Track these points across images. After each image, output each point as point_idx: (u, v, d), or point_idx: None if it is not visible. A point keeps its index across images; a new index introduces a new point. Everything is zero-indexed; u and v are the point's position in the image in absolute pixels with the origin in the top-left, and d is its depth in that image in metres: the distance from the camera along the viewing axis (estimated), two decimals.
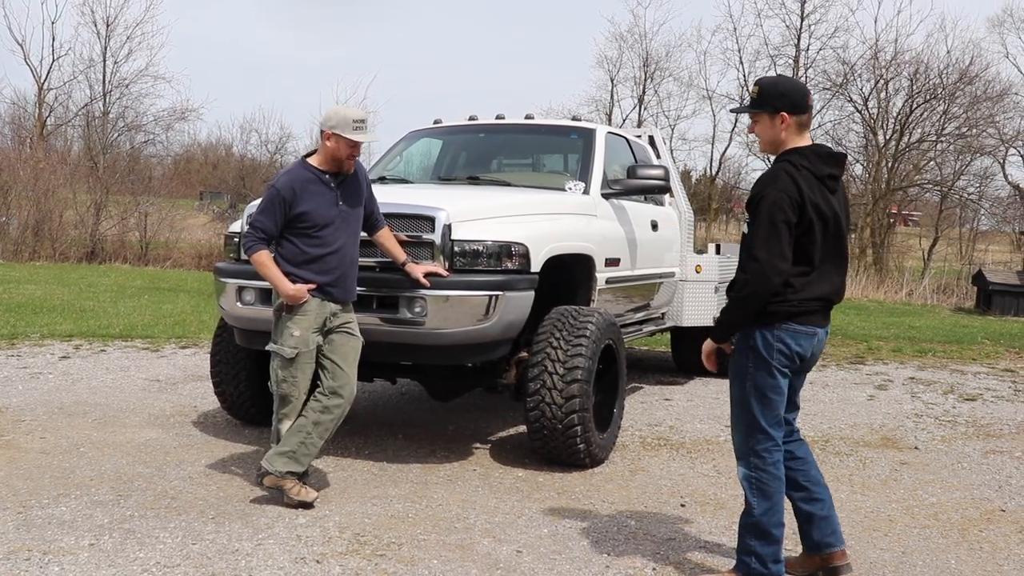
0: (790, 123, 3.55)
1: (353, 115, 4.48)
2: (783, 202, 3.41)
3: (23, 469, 5.02)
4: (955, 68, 29.13)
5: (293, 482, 4.50)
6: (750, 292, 3.46)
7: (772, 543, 3.59)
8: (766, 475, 3.59)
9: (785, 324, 3.52)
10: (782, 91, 3.58)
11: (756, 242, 3.43)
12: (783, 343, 3.52)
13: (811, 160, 3.51)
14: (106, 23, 33.24)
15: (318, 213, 4.46)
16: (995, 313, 17.97)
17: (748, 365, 3.59)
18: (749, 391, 3.59)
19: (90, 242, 25.22)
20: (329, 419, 4.57)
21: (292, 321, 4.49)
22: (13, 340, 9.78)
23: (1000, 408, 7.95)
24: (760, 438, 3.59)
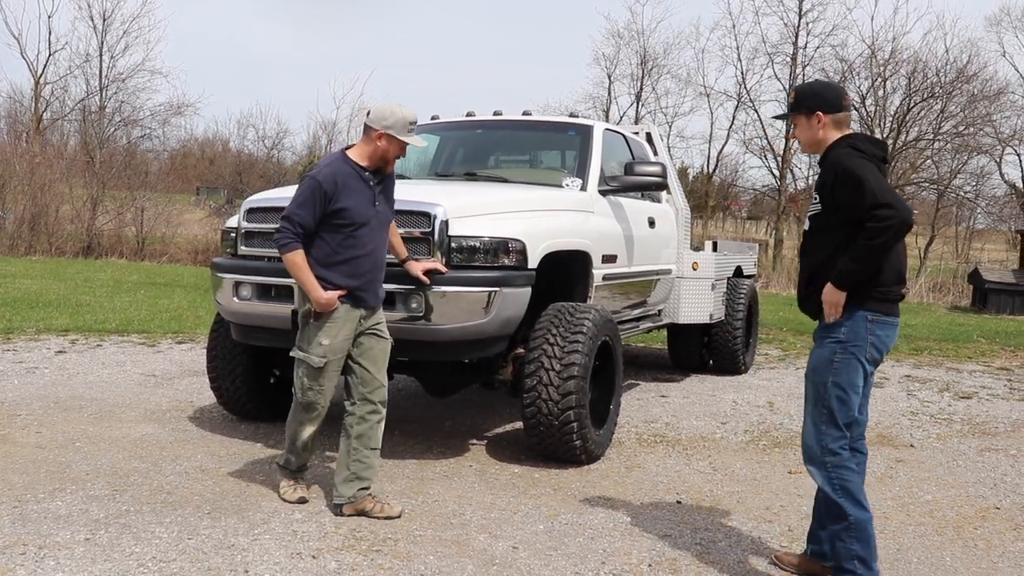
0: (826, 122, 3.59)
1: (410, 117, 4.30)
2: (867, 162, 3.42)
3: (19, 463, 5.01)
4: (952, 67, 29.28)
5: (372, 502, 4.38)
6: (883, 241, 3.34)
7: (871, 543, 3.51)
8: (846, 471, 3.52)
9: (875, 314, 3.48)
10: (817, 91, 3.66)
11: (877, 193, 3.33)
12: (876, 336, 3.49)
13: (865, 143, 3.55)
14: (103, 17, 33.28)
15: (357, 211, 4.24)
16: (991, 311, 18.01)
17: (833, 359, 3.52)
18: (831, 387, 3.53)
19: (86, 237, 25.19)
20: (368, 427, 4.44)
21: (321, 329, 4.29)
22: (9, 334, 9.76)
23: (995, 406, 7.97)
24: (835, 435, 3.54)
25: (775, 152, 32.26)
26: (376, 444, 4.48)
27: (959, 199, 32.25)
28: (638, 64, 35.24)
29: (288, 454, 4.57)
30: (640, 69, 35.14)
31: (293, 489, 4.44)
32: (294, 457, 4.55)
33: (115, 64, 33.52)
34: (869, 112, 30.11)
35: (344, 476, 4.41)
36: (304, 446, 4.51)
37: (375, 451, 4.48)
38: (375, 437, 4.47)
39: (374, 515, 4.34)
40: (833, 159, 3.52)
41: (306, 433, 4.48)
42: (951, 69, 29.27)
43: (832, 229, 3.51)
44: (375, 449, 4.48)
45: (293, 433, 4.52)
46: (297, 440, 4.50)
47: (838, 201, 3.46)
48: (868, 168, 3.40)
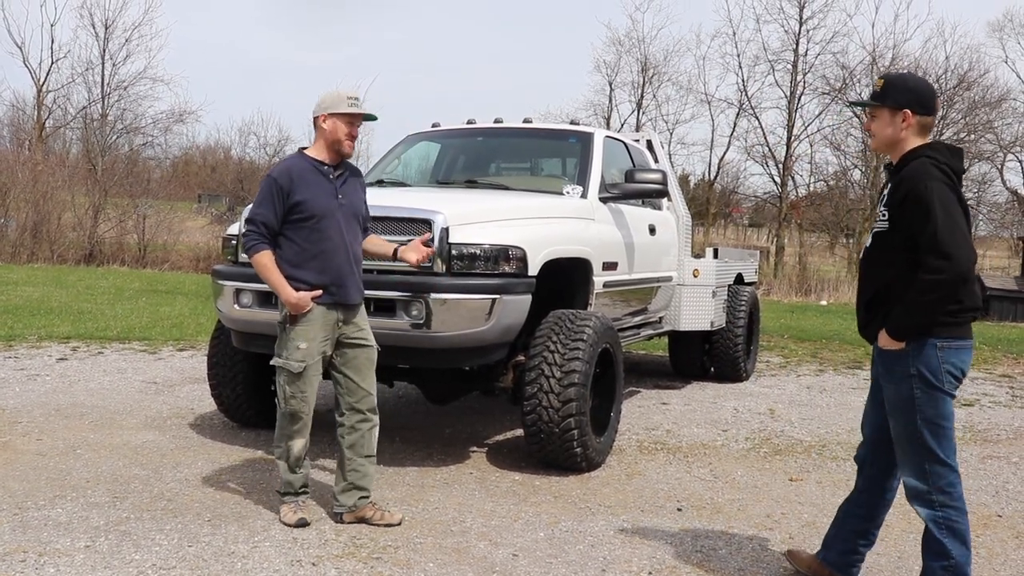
0: (912, 123, 3.30)
1: (346, 92, 4.30)
2: (946, 192, 3.14)
3: (19, 471, 5.01)
4: (954, 74, 29.26)
5: (373, 509, 4.38)
6: (944, 292, 3.12)
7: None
8: (955, 512, 3.28)
9: (948, 340, 3.22)
10: (910, 87, 3.33)
11: (940, 236, 3.08)
12: (950, 363, 3.23)
13: (946, 155, 3.24)
14: (105, 25, 33.30)
15: (316, 202, 4.20)
16: (993, 318, 18.01)
17: (915, 394, 3.26)
18: (920, 424, 3.26)
19: (88, 244, 25.25)
20: (359, 436, 4.41)
21: (297, 333, 4.23)
22: (11, 342, 9.77)
23: (997, 414, 7.95)
24: (942, 471, 3.28)
25: (776, 159, 32.29)
26: (370, 451, 4.45)
27: None
28: (639, 71, 35.32)
29: (285, 476, 4.40)
30: (641, 76, 35.21)
31: (293, 511, 4.32)
32: (292, 478, 4.40)
33: (117, 72, 33.57)
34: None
35: (342, 487, 4.41)
36: (298, 462, 4.39)
37: (370, 459, 4.45)
38: (368, 445, 4.44)
39: (374, 522, 4.33)
40: (909, 175, 3.22)
41: (297, 447, 4.37)
42: (952, 76, 29.33)
43: (896, 250, 3.27)
44: (370, 456, 4.45)
45: (284, 451, 4.38)
46: (290, 458, 4.37)
47: (906, 222, 3.20)
48: (943, 198, 3.12)
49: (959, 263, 3.08)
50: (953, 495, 3.29)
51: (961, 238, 3.11)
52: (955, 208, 3.14)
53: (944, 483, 3.28)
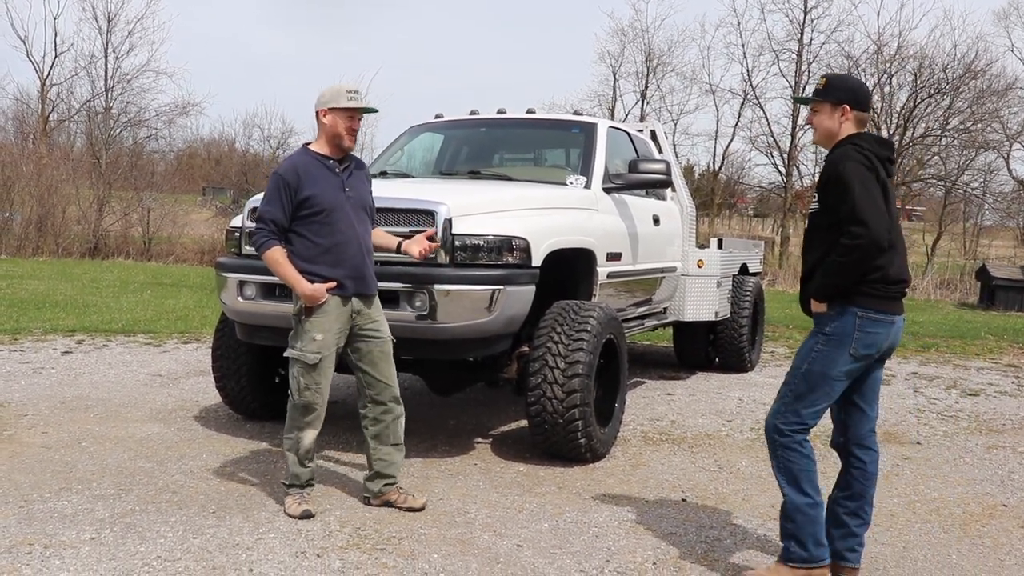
0: (850, 117, 3.58)
1: (346, 86, 4.32)
2: (861, 170, 3.40)
3: (25, 463, 5.03)
4: (960, 63, 29.11)
5: (397, 493, 4.47)
6: (856, 259, 3.38)
7: (809, 524, 3.53)
8: (793, 454, 3.55)
9: (865, 311, 3.47)
10: (850, 85, 3.65)
11: (858, 207, 3.34)
12: (862, 331, 3.48)
13: (871, 143, 3.53)
14: (107, 18, 33.17)
15: (324, 197, 4.23)
16: (998, 308, 17.95)
17: (816, 346, 3.54)
18: (802, 374, 3.55)
19: (93, 238, 25.26)
20: (383, 427, 4.48)
21: (312, 324, 4.26)
22: (16, 335, 9.79)
23: (1003, 403, 7.94)
24: (790, 419, 3.56)
25: (781, 149, 32.20)
26: (396, 440, 4.53)
27: (966, 195, 32.14)
28: (643, 62, 35.19)
29: (293, 468, 4.41)
30: (645, 67, 35.09)
31: (298, 503, 4.33)
32: (300, 471, 4.41)
33: (120, 65, 33.46)
34: (875, 108, 29.99)
35: (369, 475, 4.54)
36: (307, 454, 4.41)
37: (396, 447, 4.54)
38: (393, 434, 4.52)
39: (398, 506, 4.44)
40: (833, 158, 3.52)
41: (308, 439, 4.39)
42: (958, 65, 29.17)
43: (825, 230, 3.52)
44: (396, 445, 4.54)
45: (294, 443, 4.39)
46: (299, 449, 4.39)
47: (831, 201, 3.47)
48: (860, 175, 3.39)
49: (874, 229, 3.33)
50: (793, 439, 3.55)
51: (877, 210, 3.37)
52: (872, 185, 3.40)
53: (788, 428, 3.55)
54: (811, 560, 3.54)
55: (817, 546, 3.54)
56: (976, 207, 34.13)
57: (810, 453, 3.58)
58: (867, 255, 3.38)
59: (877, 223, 3.34)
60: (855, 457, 3.71)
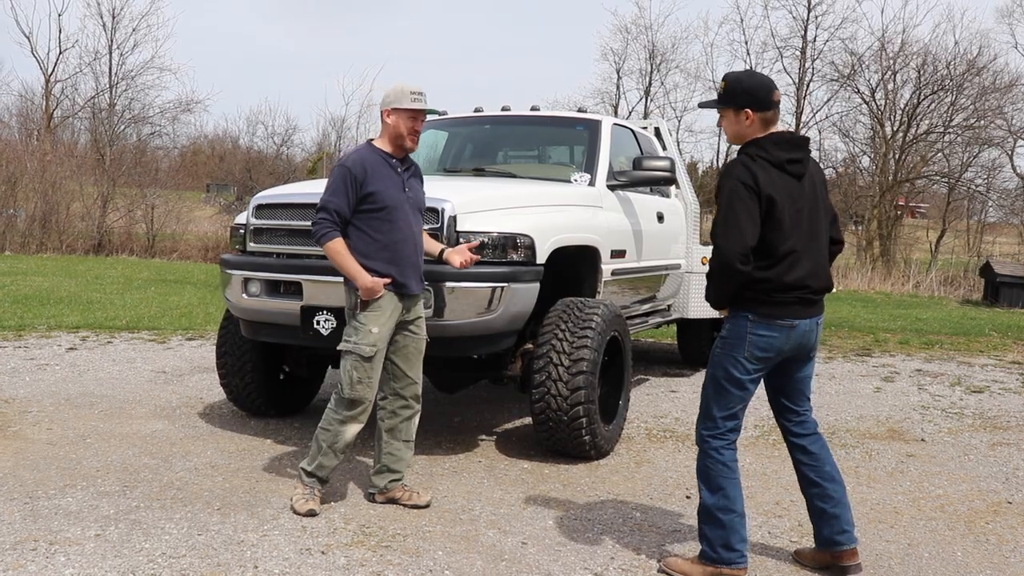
0: (754, 119, 3.58)
1: (410, 87, 4.33)
2: (738, 188, 3.45)
3: (30, 460, 5.04)
4: (963, 59, 29.02)
5: (402, 490, 4.50)
6: (716, 277, 3.52)
7: (719, 528, 3.63)
8: (710, 461, 3.66)
9: (757, 316, 3.54)
10: (746, 88, 3.59)
11: (716, 230, 3.49)
12: (755, 334, 3.56)
13: (767, 149, 3.53)
14: (112, 15, 33.19)
15: (387, 194, 4.26)
16: (1003, 305, 17.91)
17: (716, 351, 3.67)
18: (711, 378, 3.68)
19: (97, 234, 25.28)
20: (399, 421, 4.51)
21: (368, 318, 4.26)
22: (20, 331, 9.81)
23: (1007, 400, 7.93)
24: (709, 425, 3.68)
25: None
26: (408, 437, 4.56)
27: (970, 192, 32.05)
28: (646, 59, 35.12)
29: (324, 460, 4.39)
30: (648, 64, 35.03)
31: (306, 499, 4.33)
32: (332, 463, 4.41)
33: (124, 62, 33.51)
34: (879, 105, 29.96)
35: (376, 469, 4.55)
36: (346, 447, 4.42)
37: (407, 444, 4.56)
38: (406, 431, 4.55)
39: (403, 503, 4.46)
40: (722, 170, 3.62)
41: (350, 433, 4.39)
42: (961, 61, 29.07)
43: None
44: (407, 442, 4.56)
45: (334, 436, 4.37)
46: (337, 442, 4.37)
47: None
48: (730, 193, 3.45)
49: (724, 250, 3.43)
50: (713, 446, 3.67)
51: (732, 230, 3.43)
52: (739, 203, 3.44)
53: (708, 434, 3.68)
54: (718, 561, 3.65)
55: (727, 550, 3.63)
56: (980, 204, 34.03)
57: (727, 461, 3.67)
58: (723, 273, 3.47)
59: (728, 244, 3.41)
60: (795, 446, 3.86)
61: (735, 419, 3.68)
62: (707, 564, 3.66)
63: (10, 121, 35.28)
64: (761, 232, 3.46)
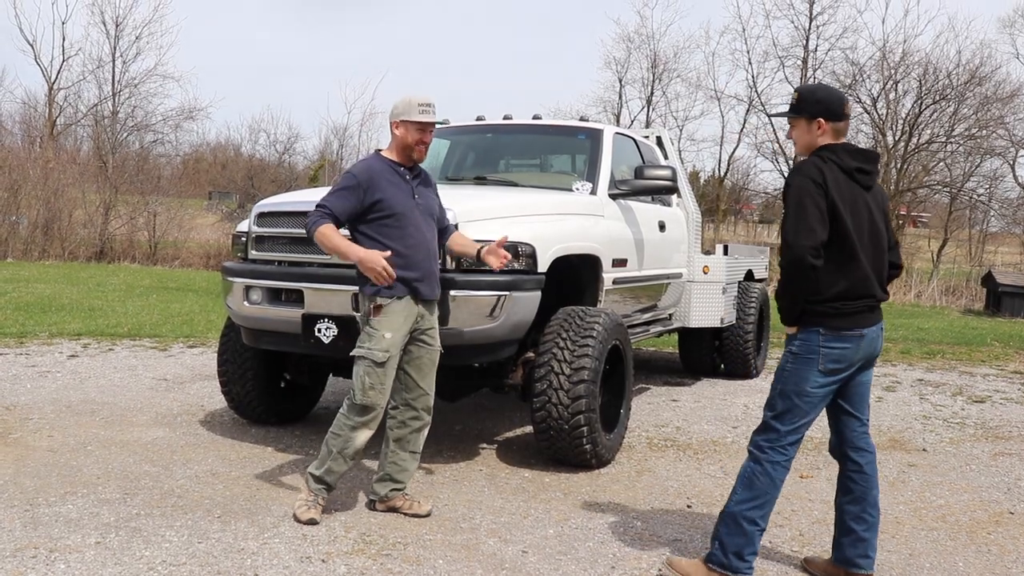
0: (827, 129, 3.61)
1: (418, 99, 4.35)
2: (808, 185, 3.47)
3: (30, 467, 5.04)
4: (965, 69, 29.06)
5: (403, 499, 4.50)
6: (789, 274, 3.49)
7: (739, 536, 3.60)
8: (760, 470, 3.62)
9: (828, 330, 3.53)
10: (819, 98, 3.64)
11: (786, 227, 3.48)
12: (828, 347, 3.54)
13: (839, 154, 3.56)
14: (115, 23, 33.37)
15: (396, 201, 4.28)
16: (1004, 315, 17.90)
17: (786, 366, 3.63)
18: (780, 394, 3.63)
19: (99, 241, 25.32)
20: (408, 432, 4.50)
21: (381, 323, 4.27)
22: (22, 338, 9.82)
23: (1009, 410, 7.92)
24: (771, 437, 3.63)
25: (786, 155, 32.16)
26: (415, 448, 4.55)
27: (972, 202, 32.09)
28: (648, 68, 35.22)
29: (331, 463, 4.36)
30: (651, 73, 35.12)
31: (308, 507, 4.31)
32: (343, 468, 4.39)
33: (128, 69, 33.65)
34: (880, 115, 29.99)
35: (379, 476, 4.54)
36: (357, 453, 4.40)
37: (414, 455, 4.56)
38: (414, 442, 4.54)
39: (404, 511, 4.45)
40: (792, 170, 3.61)
41: (361, 439, 4.37)
42: (963, 71, 29.11)
43: None
44: (414, 453, 4.56)
45: (344, 442, 4.35)
46: (347, 449, 4.35)
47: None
48: (799, 191, 3.46)
49: (793, 248, 3.41)
50: (772, 458, 3.62)
51: (803, 228, 3.42)
52: (809, 200, 3.44)
53: (765, 443, 3.64)
54: (727, 568, 3.63)
55: (738, 559, 3.62)
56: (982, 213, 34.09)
57: (777, 478, 3.63)
58: (794, 274, 3.46)
59: (798, 242, 3.41)
60: (850, 460, 3.78)
61: (799, 434, 3.65)
62: (714, 568, 3.64)
63: (13, 128, 35.41)
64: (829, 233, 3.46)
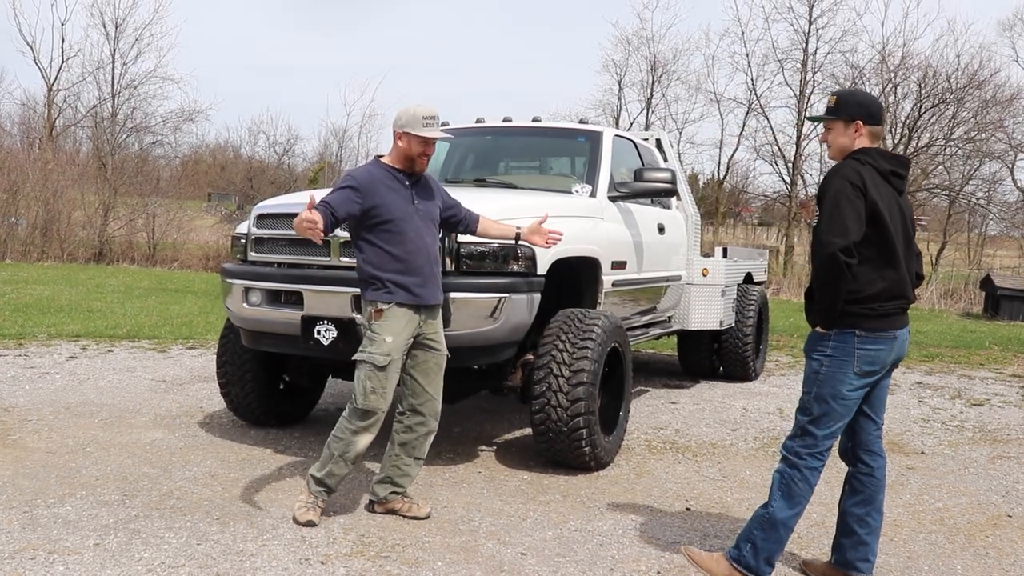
0: (863, 132, 3.61)
1: (423, 112, 4.36)
2: (846, 187, 3.46)
3: (29, 468, 5.03)
4: (964, 72, 29.10)
5: (402, 502, 4.50)
6: (823, 274, 3.47)
7: (775, 542, 3.61)
8: (799, 476, 3.61)
9: (864, 331, 3.53)
10: (860, 101, 3.66)
11: (821, 227, 3.47)
12: (863, 350, 3.54)
13: (874, 157, 3.57)
14: (115, 24, 33.25)
15: (394, 206, 4.28)
16: (1003, 318, 17.90)
17: (820, 370, 3.61)
18: (816, 397, 3.61)
19: (98, 243, 25.30)
20: (413, 437, 4.50)
21: (382, 327, 4.27)
22: (21, 340, 9.81)
23: (1007, 413, 7.92)
24: (808, 442, 3.62)
25: (786, 158, 32.20)
26: (419, 455, 4.55)
27: (971, 205, 32.12)
28: (648, 70, 35.23)
29: (332, 466, 4.36)
30: (650, 75, 35.13)
31: (307, 509, 4.32)
32: (344, 472, 4.40)
33: (127, 71, 33.53)
34: None
35: (379, 478, 4.54)
36: (358, 457, 4.41)
37: (417, 461, 4.56)
38: (419, 447, 4.54)
39: (402, 514, 4.46)
40: (830, 171, 3.60)
41: (362, 443, 4.37)
42: (962, 75, 29.16)
43: None
44: (418, 459, 4.55)
45: (345, 446, 4.35)
46: (349, 452, 4.35)
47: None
48: (838, 191, 3.45)
49: (827, 244, 3.40)
50: (810, 464, 3.61)
51: (839, 225, 3.41)
52: (845, 200, 3.43)
53: (806, 451, 3.61)
54: (753, 570, 3.63)
55: (768, 564, 3.64)
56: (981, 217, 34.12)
57: (813, 483, 3.64)
58: (828, 273, 3.44)
59: (830, 239, 3.40)
60: (862, 463, 3.78)
61: (834, 438, 3.65)
62: (737, 567, 3.65)
63: (12, 129, 35.35)
64: (868, 234, 3.46)
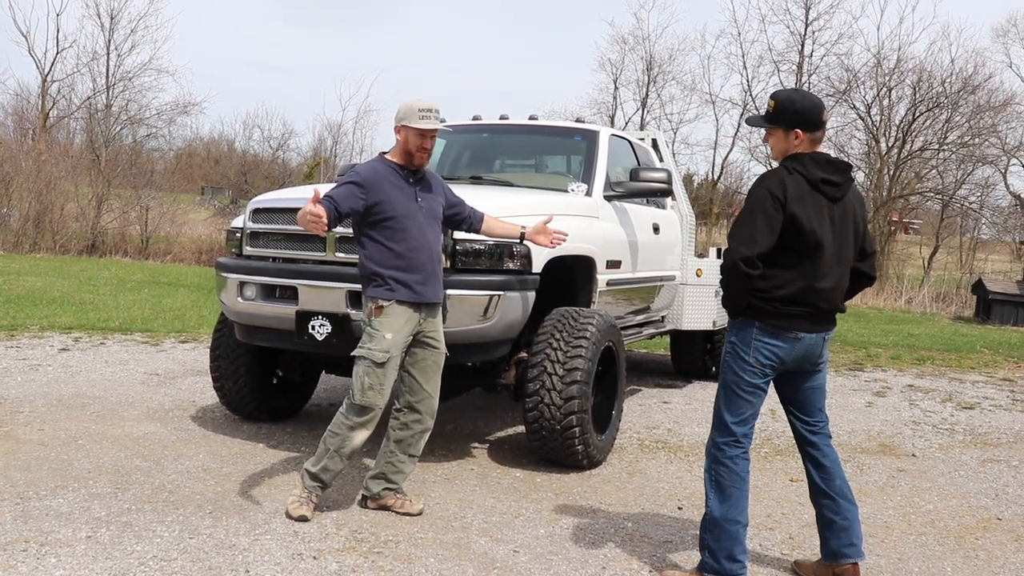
0: (804, 139, 3.62)
1: (419, 105, 4.36)
2: (764, 198, 3.51)
3: (21, 461, 5.02)
4: (958, 77, 29.16)
5: (395, 498, 4.50)
6: (725, 277, 3.59)
7: (725, 539, 3.64)
8: (724, 469, 3.67)
9: (763, 325, 3.59)
10: (799, 108, 3.62)
11: (732, 233, 3.59)
12: (760, 342, 3.61)
13: (806, 165, 3.57)
14: (110, 16, 33.16)
15: (397, 203, 4.28)
16: (994, 322, 17.99)
17: (725, 359, 3.71)
18: (721, 384, 3.72)
19: (91, 235, 25.22)
20: (409, 434, 4.50)
21: (382, 323, 4.27)
22: (12, 332, 9.78)
23: (998, 417, 7.96)
24: (724, 434, 3.69)
25: None
26: (414, 452, 4.56)
27: (964, 209, 32.17)
28: (643, 70, 35.20)
29: (327, 461, 4.34)
30: (645, 75, 35.10)
31: (300, 504, 4.32)
32: (339, 467, 4.40)
33: (122, 63, 33.44)
34: (874, 121, 30.06)
35: (373, 474, 4.55)
36: (353, 453, 4.41)
37: (412, 458, 4.56)
38: (414, 445, 4.54)
39: (395, 510, 4.46)
40: (756, 180, 3.66)
41: (358, 439, 4.37)
42: (956, 79, 29.22)
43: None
44: (412, 456, 4.56)
45: (341, 441, 4.34)
46: (344, 448, 4.35)
47: None
48: (754, 200, 3.52)
49: (733, 253, 3.50)
50: (726, 454, 3.67)
51: (743, 232, 3.51)
52: (761, 212, 3.49)
53: (721, 441, 3.69)
54: (721, 572, 3.65)
55: (730, 561, 3.64)
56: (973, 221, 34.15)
57: (741, 472, 3.68)
58: (728, 273, 3.55)
59: (737, 246, 3.48)
60: (806, 455, 3.90)
61: (746, 425, 3.69)
62: (708, 575, 3.67)
63: (5, 120, 35.24)
64: (781, 244, 3.50)
